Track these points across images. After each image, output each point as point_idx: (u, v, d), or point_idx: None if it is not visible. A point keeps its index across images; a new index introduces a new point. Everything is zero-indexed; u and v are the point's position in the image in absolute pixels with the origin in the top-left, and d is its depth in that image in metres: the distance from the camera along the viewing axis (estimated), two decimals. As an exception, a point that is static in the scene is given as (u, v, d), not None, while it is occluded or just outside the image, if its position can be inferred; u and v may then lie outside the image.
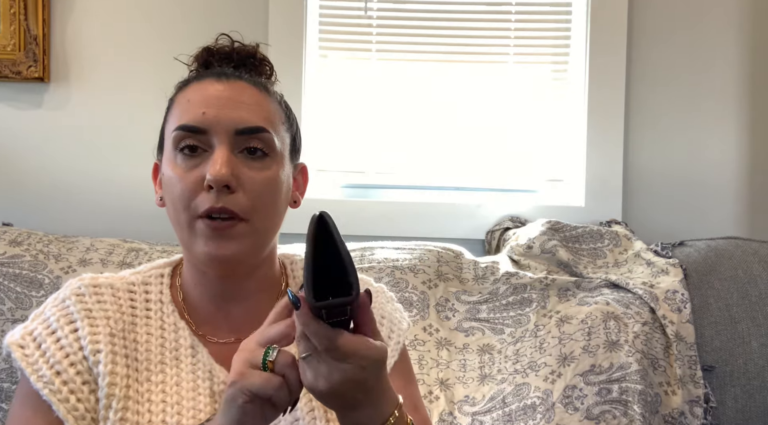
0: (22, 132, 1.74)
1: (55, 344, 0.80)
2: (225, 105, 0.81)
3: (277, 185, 0.84)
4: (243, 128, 0.81)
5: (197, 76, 0.86)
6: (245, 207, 0.80)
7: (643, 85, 1.76)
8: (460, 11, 1.77)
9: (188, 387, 0.82)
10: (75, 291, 0.85)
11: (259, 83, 0.87)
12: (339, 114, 1.79)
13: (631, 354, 1.26)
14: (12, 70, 1.70)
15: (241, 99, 0.82)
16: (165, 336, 0.85)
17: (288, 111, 0.91)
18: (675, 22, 1.76)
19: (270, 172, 0.83)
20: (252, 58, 0.91)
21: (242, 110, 0.81)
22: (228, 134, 0.80)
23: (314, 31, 1.78)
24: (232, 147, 0.81)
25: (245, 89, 0.84)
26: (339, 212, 1.74)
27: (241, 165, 0.81)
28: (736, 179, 1.77)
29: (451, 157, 1.80)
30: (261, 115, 0.83)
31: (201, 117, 0.80)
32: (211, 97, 0.82)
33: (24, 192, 1.74)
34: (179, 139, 0.81)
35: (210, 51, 0.90)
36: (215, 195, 0.79)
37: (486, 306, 1.41)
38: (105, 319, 0.82)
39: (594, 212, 1.73)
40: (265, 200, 0.82)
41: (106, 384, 0.79)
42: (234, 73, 0.86)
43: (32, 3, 1.69)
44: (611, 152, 1.74)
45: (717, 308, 1.38)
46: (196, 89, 0.84)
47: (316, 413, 0.83)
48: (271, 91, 0.88)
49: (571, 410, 1.22)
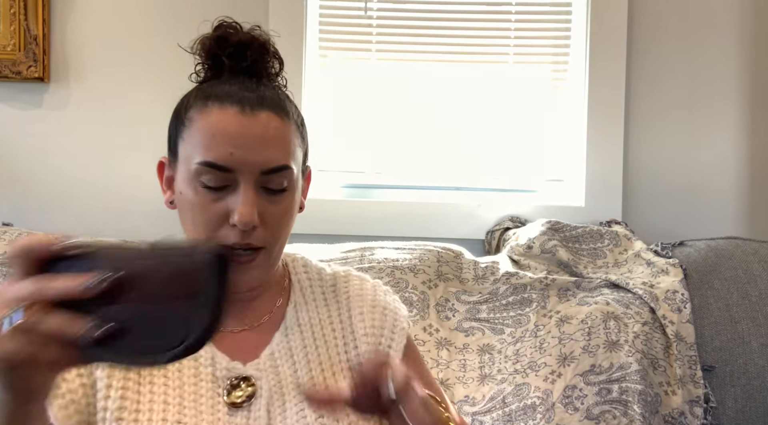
0: (22, 132, 1.74)
1: None
2: (252, 146, 0.81)
3: (293, 211, 0.88)
4: (269, 168, 0.82)
5: (217, 97, 0.83)
6: (266, 240, 0.84)
7: (643, 85, 1.76)
8: (460, 11, 1.77)
9: (189, 374, 0.83)
10: None
11: (280, 107, 0.85)
12: (339, 114, 1.79)
13: (631, 354, 1.26)
14: (12, 70, 1.70)
15: (266, 136, 0.82)
16: None
17: (301, 124, 0.91)
18: (675, 22, 1.76)
19: (288, 201, 0.86)
20: (264, 53, 0.89)
21: (268, 149, 0.82)
22: (254, 173, 0.81)
23: (314, 31, 1.78)
24: (256, 184, 0.82)
25: (270, 122, 0.83)
26: (339, 212, 1.75)
27: (263, 202, 0.83)
28: (735, 180, 1.77)
29: (451, 157, 1.80)
30: (284, 150, 0.84)
31: (229, 157, 0.80)
32: (239, 135, 0.81)
33: (24, 192, 1.74)
34: (203, 173, 0.82)
35: (219, 43, 0.87)
36: (240, 233, 0.81)
37: (486, 306, 1.41)
38: None
39: (594, 212, 1.73)
40: (283, 230, 0.86)
41: (106, 369, 0.81)
42: (256, 100, 0.83)
43: (32, 3, 1.69)
44: (611, 152, 1.74)
45: (717, 308, 1.38)
46: (219, 120, 0.81)
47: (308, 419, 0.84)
48: (290, 112, 0.87)
49: (571, 410, 1.22)
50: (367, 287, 0.96)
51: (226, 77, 0.87)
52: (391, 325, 0.93)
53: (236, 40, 0.87)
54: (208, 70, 0.89)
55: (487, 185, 1.80)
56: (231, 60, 0.87)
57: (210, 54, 0.88)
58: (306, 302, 0.92)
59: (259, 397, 0.83)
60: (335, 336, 0.91)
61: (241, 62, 0.87)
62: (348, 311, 0.92)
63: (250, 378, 0.84)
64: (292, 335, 0.89)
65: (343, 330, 0.91)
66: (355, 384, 0.75)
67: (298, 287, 0.94)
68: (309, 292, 0.94)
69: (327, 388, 0.85)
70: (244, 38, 0.87)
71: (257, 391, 0.84)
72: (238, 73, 0.87)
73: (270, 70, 0.90)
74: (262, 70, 0.89)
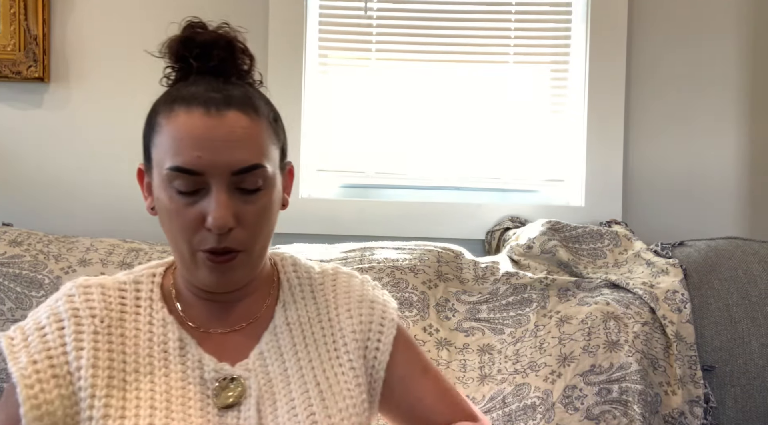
0: (22, 132, 1.74)
1: (41, 338, 0.83)
2: (220, 147, 0.79)
3: (271, 209, 0.86)
4: (239, 169, 0.80)
5: (183, 99, 0.82)
6: (245, 241, 0.83)
7: (643, 86, 1.76)
8: (460, 11, 1.77)
9: (177, 378, 0.83)
10: (66, 292, 0.88)
11: (248, 106, 0.83)
12: (339, 114, 1.79)
13: (631, 354, 1.26)
14: (12, 70, 1.70)
15: (234, 137, 0.80)
16: (153, 331, 0.86)
17: (275, 120, 0.88)
18: (675, 21, 1.76)
19: (265, 200, 0.84)
20: (232, 51, 0.86)
21: (237, 150, 0.80)
22: (224, 176, 0.80)
23: (314, 31, 1.78)
24: (228, 186, 0.81)
25: (237, 121, 0.81)
26: (339, 212, 1.75)
27: (238, 203, 0.82)
28: (736, 179, 1.77)
29: (451, 157, 1.80)
30: (255, 149, 0.82)
31: (196, 160, 0.79)
32: (204, 138, 0.79)
33: (24, 192, 1.75)
34: (174, 178, 0.81)
35: (184, 44, 0.86)
36: (216, 237, 0.81)
37: (486, 306, 1.41)
38: (90, 318, 0.85)
39: (594, 212, 1.73)
40: (263, 229, 0.85)
41: (89, 375, 0.81)
42: (223, 100, 0.81)
43: (32, 3, 1.69)
44: (611, 152, 1.74)
45: (717, 308, 1.38)
46: (185, 123, 0.80)
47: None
48: (260, 109, 0.84)
49: (571, 410, 1.22)
50: (354, 284, 0.96)
51: (194, 79, 0.85)
52: (380, 318, 0.93)
53: (202, 39, 0.85)
54: (177, 72, 0.87)
55: (487, 185, 1.80)
56: (198, 61, 0.85)
57: (177, 56, 0.86)
58: (295, 301, 0.92)
59: (249, 397, 0.83)
60: (324, 333, 0.90)
61: (208, 62, 0.85)
62: (336, 309, 0.92)
63: (239, 379, 0.84)
64: (281, 334, 0.89)
65: (332, 327, 0.91)
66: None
67: (287, 286, 0.94)
68: (298, 291, 0.93)
69: (318, 384, 0.86)
70: (210, 38, 0.85)
71: (246, 391, 0.84)
72: (206, 74, 0.85)
73: (241, 68, 0.88)
74: (231, 69, 0.87)
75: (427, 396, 0.92)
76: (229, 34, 0.87)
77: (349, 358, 0.89)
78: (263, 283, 0.93)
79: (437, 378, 0.95)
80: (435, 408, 0.92)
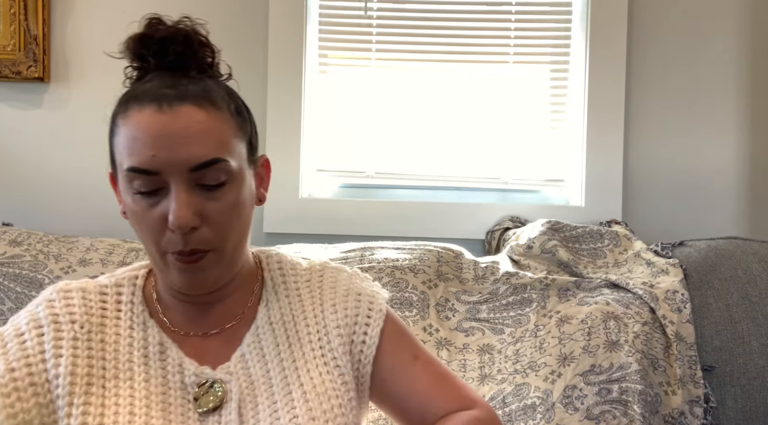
0: (22, 132, 1.74)
1: (20, 345, 0.81)
2: (174, 144, 0.76)
3: (240, 205, 0.82)
4: (196, 165, 0.77)
5: (136, 98, 0.79)
6: (213, 240, 0.80)
7: (643, 85, 1.76)
8: (460, 11, 1.77)
9: (157, 383, 0.82)
10: (47, 297, 0.86)
11: (205, 99, 0.80)
12: (339, 114, 1.79)
13: (631, 354, 1.26)
14: (12, 70, 1.70)
15: (189, 132, 0.77)
16: (133, 336, 0.85)
17: (239, 113, 0.85)
18: (675, 21, 1.76)
19: (231, 196, 0.81)
20: (190, 44, 0.83)
21: (192, 145, 0.77)
22: (182, 173, 0.77)
23: (314, 31, 1.78)
24: (188, 184, 0.78)
25: (191, 116, 0.78)
26: (339, 212, 1.75)
27: (201, 200, 0.79)
28: (736, 179, 1.77)
29: (451, 157, 1.80)
30: (212, 143, 0.78)
31: (151, 159, 0.77)
32: (157, 135, 0.76)
33: (24, 192, 1.74)
34: (133, 179, 0.78)
35: (141, 42, 0.82)
36: (181, 238, 0.78)
37: (486, 306, 1.41)
38: (70, 324, 0.83)
39: (594, 212, 1.73)
40: (232, 226, 0.82)
41: (67, 382, 0.79)
42: (176, 95, 0.78)
43: (32, 3, 1.69)
44: (611, 152, 1.74)
45: (717, 309, 1.38)
46: (139, 121, 0.78)
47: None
48: (218, 103, 0.81)
49: (571, 410, 1.22)
50: (341, 278, 0.93)
51: (151, 76, 0.82)
52: (366, 310, 0.90)
53: (159, 35, 0.82)
54: (138, 71, 0.85)
55: (487, 185, 1.80)
56: (156, 58, 0.82)
57: (136, 54, 0.83)
58: (278, 299, 0.90)
59: (230, 400, 0.82)
60: (309, 331, 0.88)
61: (165, 58, 0.82)
62: (321, 305, 0.90)
63: (219, 382, 0.83)
64: (263, 334, 0.87)
65: (317, 324, 0.88)
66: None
67: (271, 285, 0.91)
68: (282, 289, 0.91)
69: (302, 385, 0.83)
70: (167, 33, 0.82)
71: (227, 395, 0.82)
72: (164, 70, 0.83)
73: (203, 61, 0.85)
74: (190, 63, 0.83)
75: (419, 383, 0.88)
76: (187, 27, 0.83)
77: (334, 356, 0.86)
78: (245, 283, 0.90)
79: (430, 364, 0.91)
80: (430, 395, 0.87)
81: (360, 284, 0.93)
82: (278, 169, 1.74)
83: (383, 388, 0.89)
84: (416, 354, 0.91)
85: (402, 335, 0.92)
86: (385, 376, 0.88)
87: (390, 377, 0.88)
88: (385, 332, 0.90)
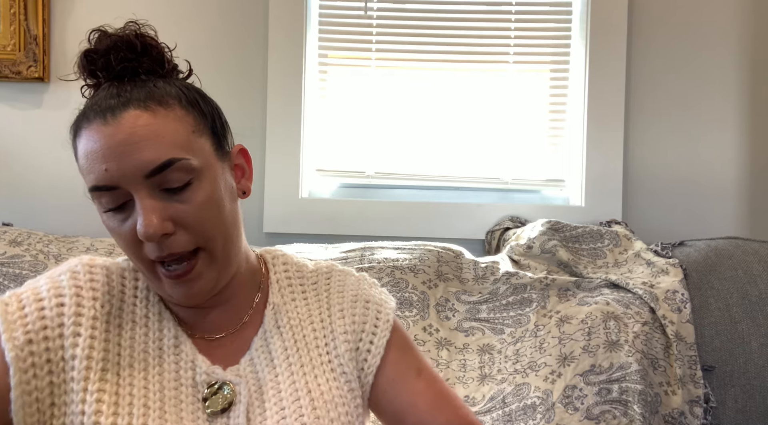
0: (22, 132, 1.74)
1: (39, 312, 0.78)
2: (122, 153, 0.73)
3: (215, 202, 0.78)
4: (150, 170, 0.74)
5: (84, 115, 0.77)
6: (193, 243, 0.77)
7: (642, 86, 1.76)
8: (460, 12, 1.77)
9: (170, 377, 0.81)
10: (71, 268, 0.83)
11: (150, 99, 0.77)
12: (339, 114, 1.79)
13: (631, 354, 1.26)
14: (12, 70, 1.70)
15: (135, 138, 0.74)
16: (149, 326, 0.83)
17: (194, 105, 0.81)
18: (675, 22, 1.76)
19: (201, 194, 0.77)
20: (132, 50, 0.80)
21: (141, 150, 0.74)
22: (139, 181, 0.74)
23: (314, 31, 1.78)
24: (150, 190, 0.75)
25: (136, 120, 0.75)
26: (339, 212, 1.75)
27: (168, 204, 0.76)
28: (736, 179, 1.77)
29: (451, 157, 1.80)
30: (164, 145, 0.75)
31: (105, 174, 0.74)
32: (105, 148, 0.74)
33: (24, 192, 1.74)
34: (97, 198, 0.77)
35: (88, 57, 0.80)
36: (156, 246, 0.76)
37: (486, 306, 1.41)
38: (92, 300, 0.80)
39: (594, 212, 1.73)
40: (209, 225, 0.78)
41: (83, 366, 0.77)
42: (119, 103, 0.76)
43: (32, 3, 1.69)
44: (611, 152, 1.74)
45: (717, 309, 1.38)
46: (89, 138, 0.75)
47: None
48: (165, 101, 0.78)
49: (571, 410, 1.22)
50: (349, 282, 0.91)
51: (101, 89, 0.80)
52: (374, 319, 0.88)
53: (103, 47, 0.80)
54: (92, 88, 0.82)
55: (487, 185, 1.80)
56: (104, 71, 0.80)
57: (87, 72, 0.81)
58: (285, 302, 0.88)
59: (238, 403, 0.80)
60: (316, 336, 0.86)
61: (112, 69, 0.80)
62: (328, 310, 0.88)
63: (229, 384, 0.81)
64: (271, 338, 0.85)
65: (324, 329, 0.87)
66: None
67: (277, 288, 0.89)
68: (288, 291, 0.89)
69: (309, 392, 0.82)
70: (109, 43, 0.80)
71: (237, 397, 0.81)
72: (114, 81, 0.80)
73: (153, 63, 0.82)
74: (137, 68, 0.80)
75: (419, 400, 0.86)
76: (129, 33, 0.81)
77: (340, 362, 0.85)
78: (248, 283, 0.88)
79: (432, 381, 0.88)
80: (429, 413, 0.85)
81: (369, 291, 0.91)
82: (278, 169, 1.74)
83: (383, 399, 0.87)
84: (419, 368, 0.89)
85: (407, 348, 0.90)
86: (386, 387, 0.87)
87: (391, 389, 0.87)
88: (391, 343, 0.88)
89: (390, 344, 0.88)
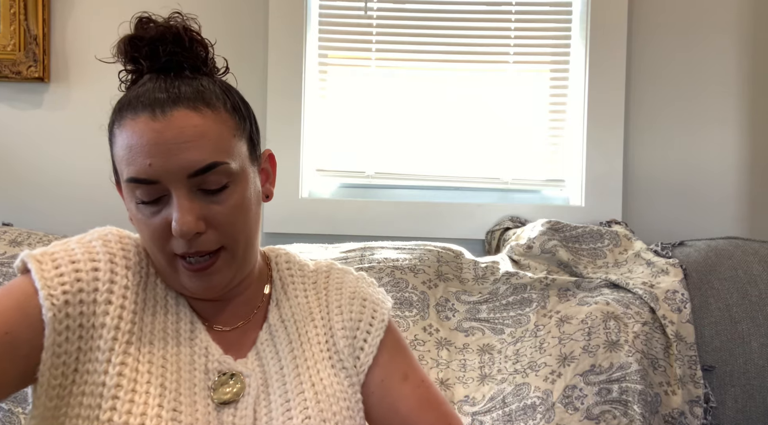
0: (22, 132, 1.74)
1: (75, 273, 0.77)
2: (170, 151, 0.74)
3: (244, 206, 0.80)
4: (195, 171, 0.75)
5: (129, 105, 0.77)
6: (219, 242, 0.79)
7: (643, 86, 1.76)
8: (460, 12, 1.77)
9: (185, 360, 0.81)
10: (102, 235, 0.83)
11: (200, 100, 0.77)
12: (339, 114, 1.79)
13: (631, 354, 1.26)
14: (12, 70, 1.70)
15: (183, 138, 0.75)
16: (168, 308, 0.83)
17: (236, 110, 0.82)
18: (675, 22, 1.76)
19: (235, 197, 0.79)
20: (180, 43, 0.80)
21: (189, 151, 0.75)
22: (181, 180, 0.75)
23: (314, 31, 1.78)
24: (189, 189, 0.76)
25: (186, 120, 0.75)
26: (339, 212, 1.75)
27: (203, 204, 0.77)
28: (736, 180, 1.77)
29: (451, 157, 1.80)
30: (210, 147, 0.76)
31: (148, 169, 0.75)
32: (152, 144, 0.74)
33: (24, 192, 1.74)
34: (133, 189, 0.77)
35: (132, 44, 0.80)
36: (185, 242, 0.77)
37: (486, 306, 1.41)
38: (125, 269, 0.80)
39: (594, 212, 1.73)
40: (237, 227, 0.80)
41: (110, 337, 0.77)
42: (168, 99, 0.76)
43: (32, 3, 1.69)
44: (611, 152, 1.74)
45: (717, 309, 1.38)
46: (133, 130, 0.76)
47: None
48: (213, 103, 0.78)
49: (571, 410, 1.22)
50: (348, 280, 0.92)
51: (145, 79, 0.80)
52: (369, 317, 0.89)
53: (150, 36, 0.79)
54: (132, 74, 0.82)
55: (487, 185, 1.80)
56: (148, 60, 0.80)
57: (129, 57, 0.81)
58: (288, 298, 0.90)
59: (247, 395, 0.81)
60: (317, 332, 0.87)
61: (158, 60, 0.80)
62: (327, 306, 0.89)
63: (238, 375, 0.82)
64: (276, 333, 0.87)
65: (324, 326, 0.88)
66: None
67: (280, 285, 0.91)
68: (291, 288, 0.91)
69: (313, 385, 0.83)
70: (157, 33, 0.79)
71: (245, 389, 0.82)
72: (158, 72, 0.80)
73: (196, 59, 0.82)
74: (183, 62, 0.80)
75: (402, 405, 0.86)
76: (178, 25, 0.80)
77: (340, 358, 0.86)
78: (256, 281, 0.90)
79: (419, 386, 0.88)
80: (411, 419, 0.85)
81: (366, 289, 0.92)
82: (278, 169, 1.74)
83: (369, 400, 0.88)
84: (407, 373, 0.89)
85: (399, 350, 0.91)
86: (374, 389, 0.87)
87: (378, 390, 0.87)
88: (384, 343, 0.89)
89: (383, 344, 0.89)
